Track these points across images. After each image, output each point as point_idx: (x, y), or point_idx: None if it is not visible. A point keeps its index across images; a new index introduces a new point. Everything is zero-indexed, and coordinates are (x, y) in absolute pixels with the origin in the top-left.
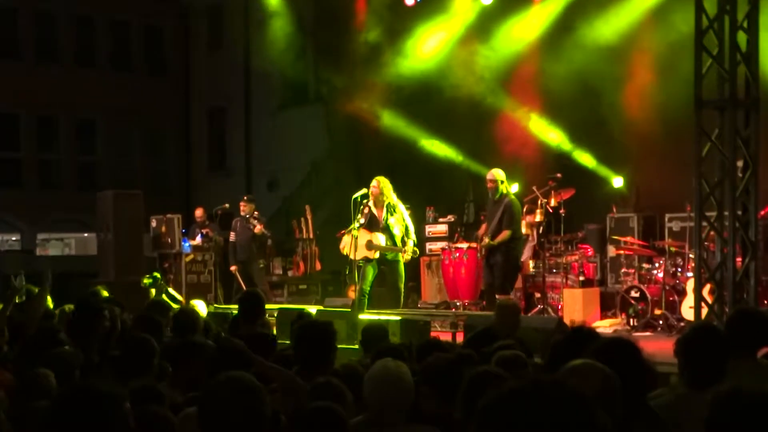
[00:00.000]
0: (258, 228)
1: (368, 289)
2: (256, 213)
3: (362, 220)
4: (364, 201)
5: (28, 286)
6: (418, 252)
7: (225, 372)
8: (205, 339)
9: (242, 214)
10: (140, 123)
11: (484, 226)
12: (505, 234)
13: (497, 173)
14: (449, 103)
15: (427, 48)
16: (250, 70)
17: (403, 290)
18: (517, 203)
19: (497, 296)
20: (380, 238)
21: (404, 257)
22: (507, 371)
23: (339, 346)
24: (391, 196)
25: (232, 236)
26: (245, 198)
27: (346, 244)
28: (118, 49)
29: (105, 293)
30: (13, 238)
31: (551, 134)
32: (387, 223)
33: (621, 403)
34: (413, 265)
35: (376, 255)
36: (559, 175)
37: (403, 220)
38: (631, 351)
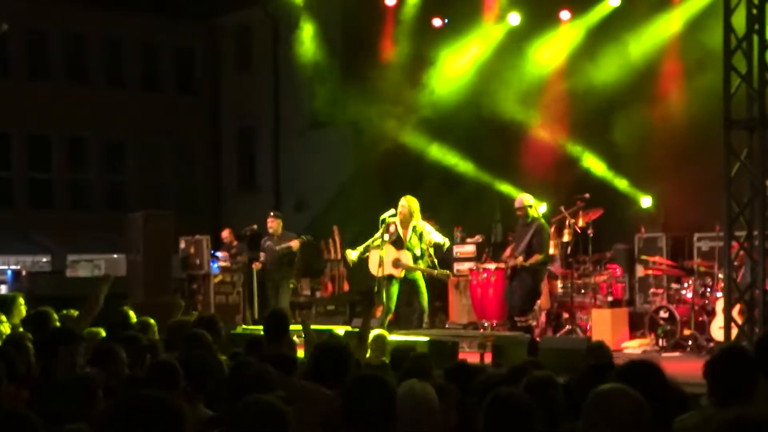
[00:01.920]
0: (295, 243)
1: (393, 307)
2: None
3: (386, 237)
4: (392, 220)
5: (70, 312)
6: (450, 275)
7: (250, 395)
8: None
9: (270, 231)
10: (170, 143)
11: (510, 248)
12: (537, 257)
13: (526, 199)
14: (477, 124)
15: (455, 69)
16: (279, 90)
17: (426, 309)
18: (548, 228)
19: (516, 318)
20: (408, 257)
21: (439, 276)
22: (535, 394)
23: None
24: (418, 217)
25: (262, 257)
26: (272, 213)
27: (373, 262)
28: (147, 70)
29: (132, 314)
30: (44, 260)
31: (579, 153)
32: (410, 243)
33: (651, 427)
34: (441, 286)
35: (402, 274)
36: (587, 195)
37: (426, 242)
38: (654, 373)
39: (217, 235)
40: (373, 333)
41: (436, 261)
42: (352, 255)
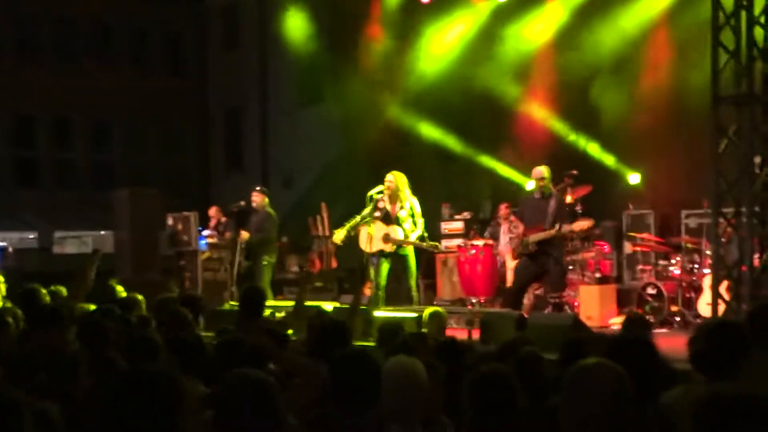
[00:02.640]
0: (242, 234)
1: (384, 284)
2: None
3: (377, 214)
4: (380, 195)
5: (58, 288)
6: (439, 246)
7: (238, 370)
8: None
9: (254, 205)
10: (157, 123)
11: (522, 226)
12: (584, 224)
13: (546, 170)
14: (466, 101)
15: (443, 45)
16: (266, 70)
17: (415, 286)
18: None
19: (552, 295)
20: (398, 232)
21: (428, 248)
22: (521, 370)
23: (355, 343)
24: (405, 192)
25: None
26: (257, 189)
27: (363, 238)
28: (135, 51)
29: (120, 289)
30: (31, 236)
31: (567, 130)
32: (399, 218)
33: (633, 402)
34: (428, 263)
35: (393, 249)
36: (575, 171)
37: (414, 216)
38: (646, 348)
39: (205, 212)
40: (430, 310)
41: (426, 234)
42: (339, 236)
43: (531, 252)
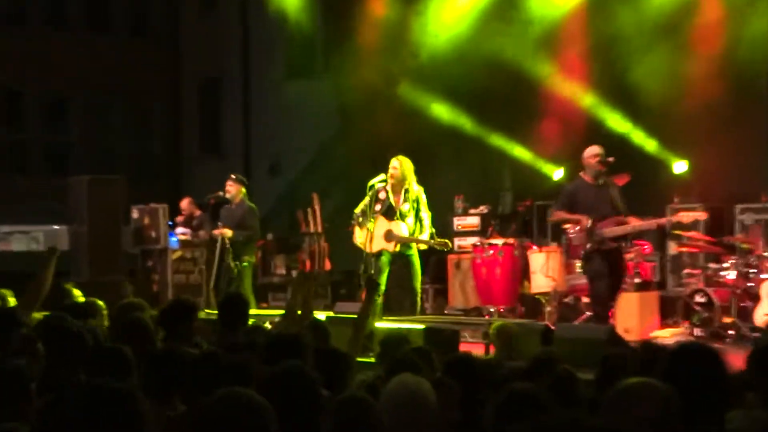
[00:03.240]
0: (225, 233)
1: (383, 289)
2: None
3: (377, 207)
4: (382, 185)
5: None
6: (450, 245)
7: (224, 388)
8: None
9: (228, 196)
10: (121, 97)
11: (584, 218)
12: (695, 214)
13: (601, 149)
14: (482, 76)
15: (455, 10)
16: (249, 37)
17: (419, 291)
18: None
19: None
20: (402, 228)
21: (437, 247)
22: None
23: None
24: (412, 182)
25: (220, 227)
26: (232, 177)
27: (359, 235)
28: (96, 12)
29: (78, 293)
30: None
31: (603, 110)
32: (403, 212)
33: (683, 428)
34: (438, 265)
35: (397, 248)
36: (611, 159)
37: (419, 210)
38: (713, 361)
39: (176, 204)
40: (497, 323)
41: (433, 230)
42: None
43: (608, 249)
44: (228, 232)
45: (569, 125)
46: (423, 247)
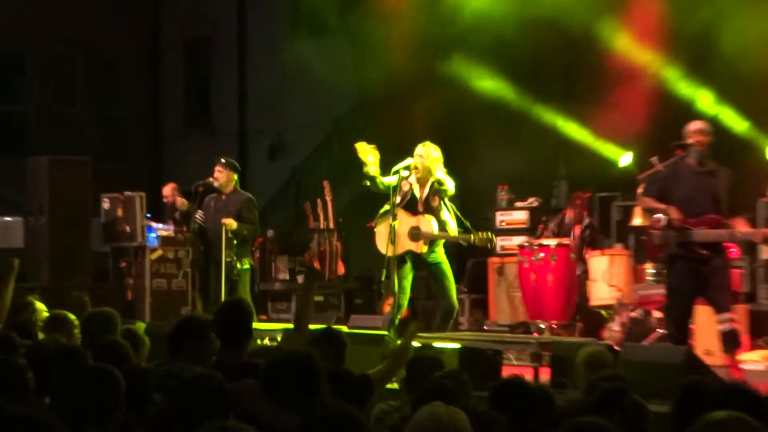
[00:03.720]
0: (229, 224)
1: (407, 302)
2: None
3: (398, 199)
4: (405, 176)
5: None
6: (494, 240)
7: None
8: None
9: (216, 184)
10: (87, 59)
11: (674, 210)
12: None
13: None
14: (534, 41)
15: None
16: None
17: (456, 303)
18: None
19: (722, 317)
20: (432, 224)
21: (479, 243)
22: (622, 427)
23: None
24: (439, 170)
25: (200, 214)
26: (222, 161)
27: (382, 237)
28: None
29: (42, 308)
30: None
31: (682, 83)
32: (429, 206)
33: None
34: (476, 270)
35: (424, 248)
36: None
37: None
38: None
39: (157, 192)
40: (589, 350)
41: (467, 223)
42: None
43: (696, 257)
44: (232, 223)
45: (640, 101)
46: (462, 244)
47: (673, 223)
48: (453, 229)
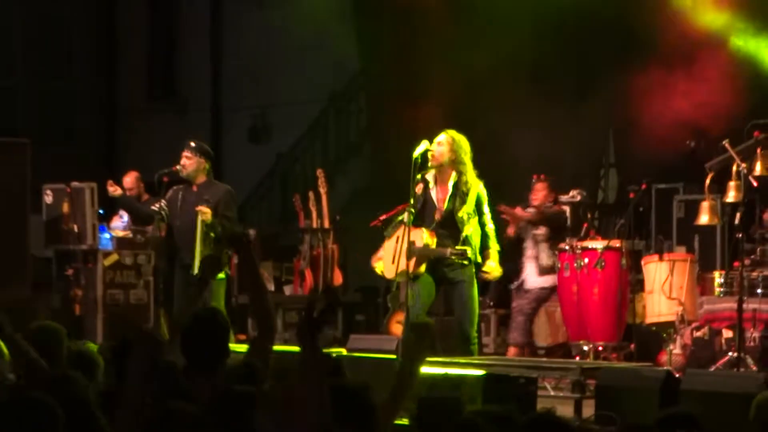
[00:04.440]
0: (205, 213)
1: (424, 319)
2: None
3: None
4: (422, 173)
5: None
6: (498, 274)
7: None
8: None
9: (184, 173)
10: (23, 12)
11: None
12: None
13: None
14: None
15: None
16: None
17: (475, 326)
18: None
19: None
20: (425, 238)
21: (486, 275)
22: None
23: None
24: (466, 166)
25: (161, 203)
26: (191, 146)
27: (386, 255)
28: None
29: None
30: None
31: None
32: (451, 212)
33: None
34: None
35: (421, 269)
36: None
37: (483, 214)
38: None
39: (115, 181)
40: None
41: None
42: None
43: None
44: (207, 214)
45: (708, 72)
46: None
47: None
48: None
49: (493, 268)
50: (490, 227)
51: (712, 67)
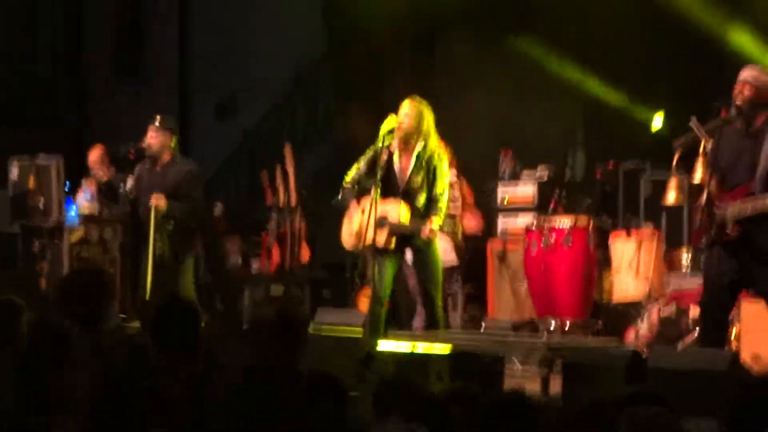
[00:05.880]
0: (159, 201)
1: (387, 293)
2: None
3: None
4: (386, 143)
5: None
6: (460, 233)
7: None
8: None
9: (148, 151)
10: None
11: (714, 182)
12: None
13: (763, 73)
14: None
15: None
16: None
17: (440, 299)
18: None
19: None
20: (399, 212)
21: (424, 235)
22: None
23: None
24: (431, 136)
25: (129, 184)
26: (156, 122)
27: (352, 225)
28: None
29: None
30: None
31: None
32: (411, 184)
33: None
34: (474, 257)
35: (391, 244)
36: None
37: (436, 180)
38: None
39: (78, 157)
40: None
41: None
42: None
43: (730, 238)
44: (161, 202)
45: (676, 48)
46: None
47: (711, 202)
48: (438, 218)
49: (435, 224)
50: (443, 198)
51: (678, 41)
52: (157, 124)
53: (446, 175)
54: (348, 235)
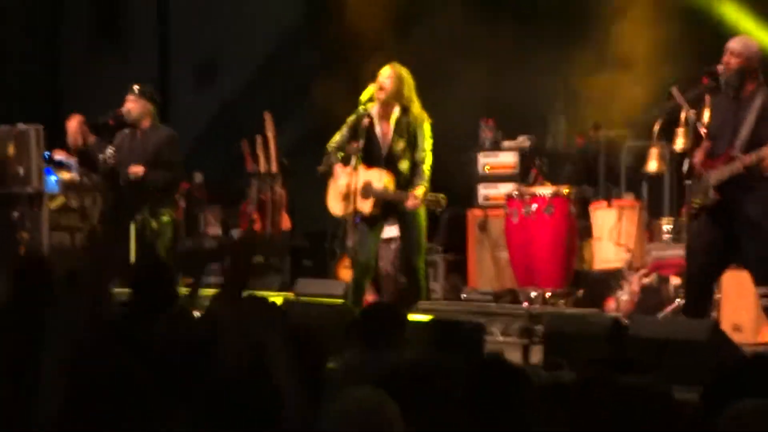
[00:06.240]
0: (137, 172)
1: (371, 263)
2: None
3: (355, 144)
4: (366, 109)
5: None
6: (443, 202)
7: None
8: None
9: (128, 118)
10: None
11: (702, 148)
12: None
13: (751, 43)
14: None
15: None
16: None
17: (423, 268)
18: None
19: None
20: (386, 178)
21: (409, 204)
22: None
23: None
24: (412, 101)
25: (110, 150)
26: (135, 89)
27: (338, 189)
28: None
29: None
30: None
31: None
32: (394, 150)
33: None
34: (453, 226)
35: (375, 210)
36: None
37: (417, 147)
38: None
39: (58, 124)
40: None
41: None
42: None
43: (712, 204)
44: (138, 170)
45: (660, 14)
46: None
47: (690, 167)
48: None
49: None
50: (426, 164)
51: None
52: (136, 90)
53: (429, 140)
54: (334, 200)
